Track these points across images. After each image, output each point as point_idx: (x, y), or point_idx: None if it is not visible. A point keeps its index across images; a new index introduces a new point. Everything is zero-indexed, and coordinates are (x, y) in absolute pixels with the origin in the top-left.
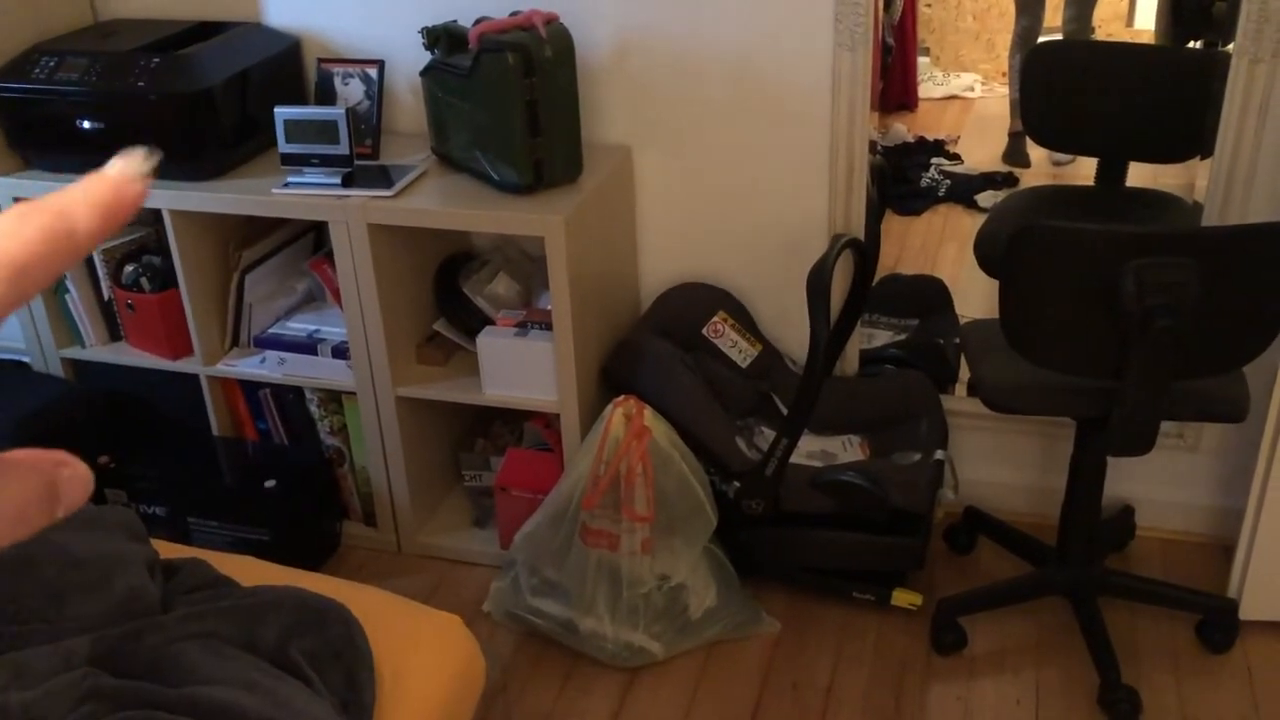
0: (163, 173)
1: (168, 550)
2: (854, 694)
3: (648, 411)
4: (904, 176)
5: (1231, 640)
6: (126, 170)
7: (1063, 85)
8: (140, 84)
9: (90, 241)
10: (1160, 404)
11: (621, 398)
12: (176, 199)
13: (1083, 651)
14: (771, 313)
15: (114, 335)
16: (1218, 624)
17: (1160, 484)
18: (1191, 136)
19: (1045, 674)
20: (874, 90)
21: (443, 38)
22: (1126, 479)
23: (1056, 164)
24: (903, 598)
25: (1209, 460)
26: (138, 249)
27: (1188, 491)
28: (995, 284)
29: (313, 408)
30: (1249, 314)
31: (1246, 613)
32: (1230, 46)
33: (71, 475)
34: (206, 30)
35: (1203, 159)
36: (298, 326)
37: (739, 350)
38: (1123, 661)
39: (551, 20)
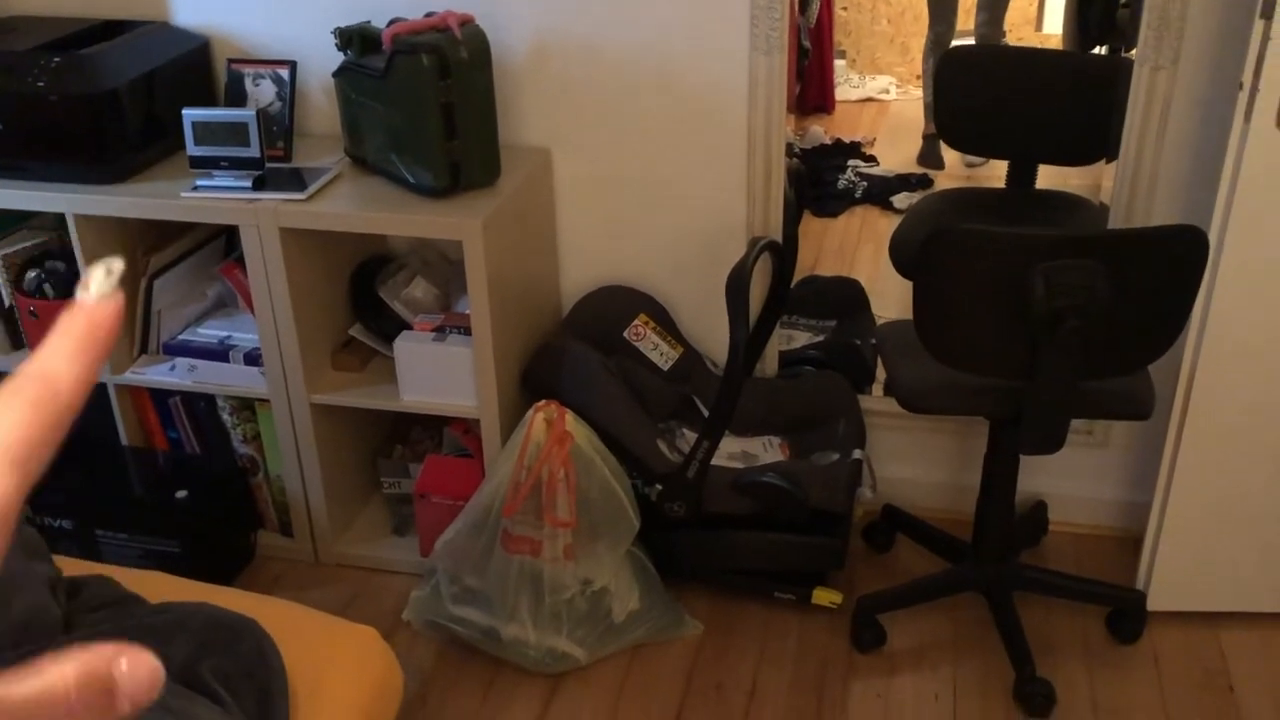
0: (66, 175)
1: (73, 567)
2: (776, 693)
3: (569, 416)
4: (821, 178)
5: (1140, 631)
6: (94, 294)
7: (974, 89)
8: (40, 84)
9: (81, 393)
10: (1069, 403)
11: (542, 402)
12: (80, 203)
13: (999, 646)
14: (692, 315)
15: (16, 344)
16: (1127, 615)
17: (1071, 480)
18: (1098, 140)
19: (962, 669)
20: (791, 93)
21: (356, 39)
22: (1039, 475)
23: (970, 166)
24: (823, 596)
25: (1117, 456)
26: (40, 254)
27: (1098, 487)
28: (911, 285)
29: (225, 416)
30: (1153, 315)
31: (1154, 604)
32: (1133, 52)
33: (133, 664)
34: (110, 29)
35: (1109, 162)
36: (209, 333)
37: (660, 353)
38: (1037, 654)
39: (467, 21)
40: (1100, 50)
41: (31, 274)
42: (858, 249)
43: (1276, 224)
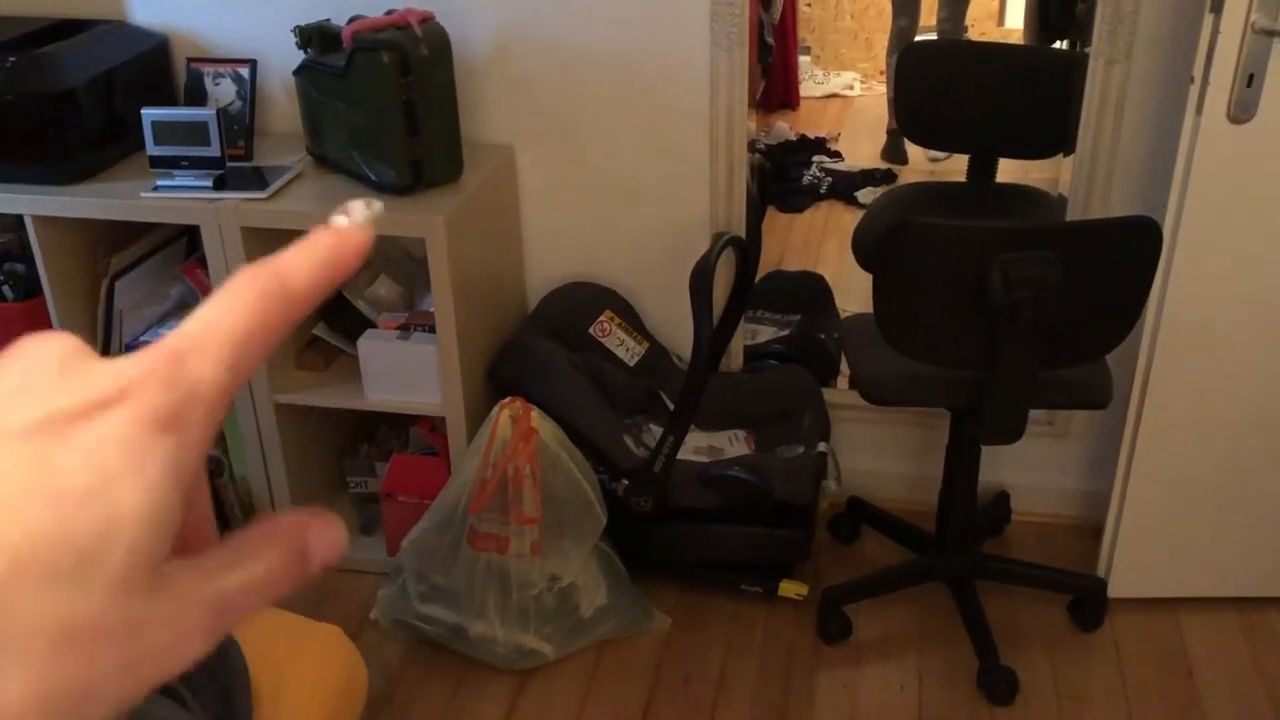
0: (24, 176)
1: None
2: (744, 685)
3: (535, 412)
4: (786, 174)
5: (1101, 618)
6: (349, 221)
7: (934, 84)
8: None
9: (308, 301)
10: (1028, 393)
11: (508, 399)
12: (39, 204)
13: (963, 635)
14: (658, 311)
15: None
16: (1088, 603)
17: (1033, 470)
18: (1056, 134)
19: (927, 659)
20: (755, 89)
21: (315, 37)
22: (1001, 466)
23: (933, 160)
24: (790, 588)
25: (1078, 446)
26: None
27: (1059, 477)
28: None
29: None
30: (1110, 305)
31: (1115, 590)
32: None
33: (322, 531)
34: (67, 28)
35: (1066, 155)
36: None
37: (626, 349)
38: (1000, 643)
39: (427, 19)
40: (1060, 45)
41: None
42: (822, 244)
43: (1229, 214)
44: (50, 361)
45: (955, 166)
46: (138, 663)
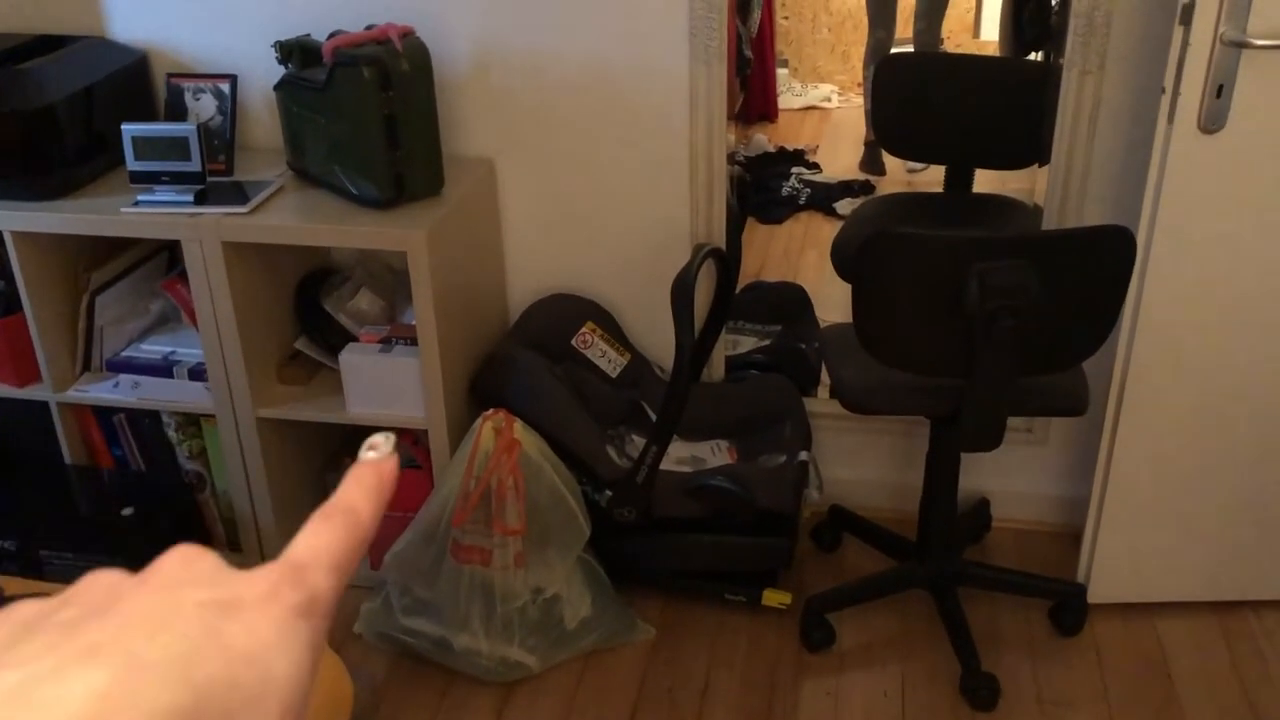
0: (3, 192)
1: (17, 587)
2: (728, 695)
3: (517, 424)
4: (765, 186)
5: (1081, 623)
6: (381, 455)
7: (910, 95)
8: None
9: (374, 527)
10: (1006, 401)
11: (490, 411)
12: (18, 220)
13: (945, 642)
14: (640, 322)
15: None
16: (1069, 608)
17: (1013, 477)
18: (1032, 144)
19: (910, 665)
20: (734, 102)
21: (296, 52)
22: (981, 473)
23: (911, 171)
24: (773, 597)
25: (1056, 453)
26: None
27: (1038, 483)
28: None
29: (170, 432)
30: (1086, 312)
31: (1094, 596)
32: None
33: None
34: (46, 44)
35: (1042, 165)
36: (152, 349)
37: (608, 360)
38: (982, 649)
39: (408, 33)
40: (1035, 56)
41: None
42: (801, 254)
43: (1201, 223)
44: (210, 560)
45: (933, 177)
46: None
